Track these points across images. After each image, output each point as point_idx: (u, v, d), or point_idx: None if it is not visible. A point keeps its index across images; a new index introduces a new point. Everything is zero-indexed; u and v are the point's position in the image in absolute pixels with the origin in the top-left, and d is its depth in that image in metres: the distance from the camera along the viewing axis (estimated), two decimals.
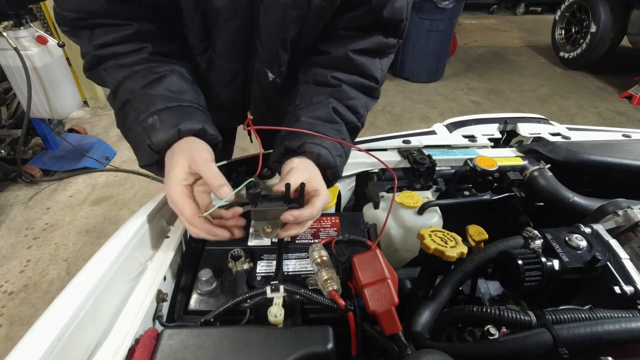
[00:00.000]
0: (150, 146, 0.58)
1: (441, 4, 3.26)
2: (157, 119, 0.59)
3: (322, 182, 0.63)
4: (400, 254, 0.79)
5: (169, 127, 0.58)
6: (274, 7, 0.63)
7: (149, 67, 0.63)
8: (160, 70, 0.64)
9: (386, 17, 0.68)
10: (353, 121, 0.73)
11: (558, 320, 0.47)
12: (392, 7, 0.68)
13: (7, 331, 1.59)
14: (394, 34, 0.73)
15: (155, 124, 0.59)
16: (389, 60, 0.77)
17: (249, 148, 1.05)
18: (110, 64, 0.63)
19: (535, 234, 0.60)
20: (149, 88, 0.61)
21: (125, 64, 0.63)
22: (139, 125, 0.60)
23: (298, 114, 0.69)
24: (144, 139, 0.59)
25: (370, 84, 0.75)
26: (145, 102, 0.60)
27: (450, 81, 3.92)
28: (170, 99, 0.61)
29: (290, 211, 0.57)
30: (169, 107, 0.60)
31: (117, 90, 0.63)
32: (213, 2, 0.63)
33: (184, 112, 0.61)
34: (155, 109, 0.59)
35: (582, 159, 0.85)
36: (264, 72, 0.73)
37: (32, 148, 2.49)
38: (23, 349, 0.42)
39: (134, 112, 0.61)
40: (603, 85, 3.85)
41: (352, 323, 0.53)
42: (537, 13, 6.32)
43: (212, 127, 0.64)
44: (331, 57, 0.72)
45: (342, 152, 0.70)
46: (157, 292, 0.56)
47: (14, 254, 1.93)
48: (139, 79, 0.62)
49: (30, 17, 1.94)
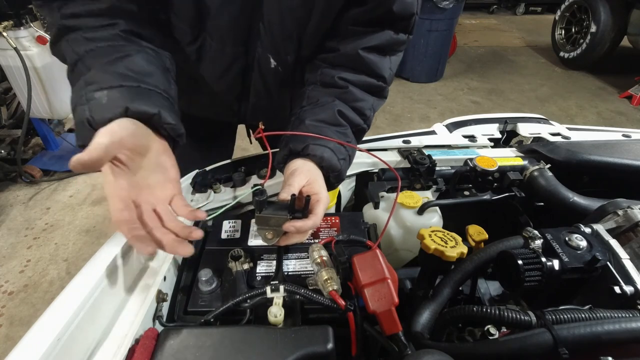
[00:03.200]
0: (90, 122, 0.49)
1: (441, 4, 3.26)
2: (106, 94, 0.50)
3: (323, 185, 0.63)
4: (400, 254, 0.79)
5: (116, 105, 0.50)
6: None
7: (116, 44, 0.56)
8: (128, 49, 0.56)
9: (396, 12, 0.67)
10: (359, 123, 0.72)
11: (558, 320, 0.47)
12: (403, 1, 0.66)
13: (7, 331, 1.59)
14: (404, 30, 0.71)
15: (101, 99, 0.50)
16: (398, 59, 0.75)
17: (249, 148, 1.05)
18: (75, 35, 0.56)
19: (535, 234, 0.60)
20: (109, 65, 0.53)
21: (90, 38, 0.55)
22: (84, 98, 0.51)
23: (303, 116, 0.68)
24: (84, 113, 0.49)
25: (379, 83, 0.73)
26: (100, 77, 0.52)
27: (450, 81, 3.92)
28: (129, 77, 0.53)
29: (293, 222, 0.57)
30: (124, 86, 0.52)
31: (75, 65, 0.55)
32: None
33: (141, 93, 0.53)
34: (108, 85, 0.51)
35: (582, 159, 0.85)
36: (267, 58, 0.71)
37: (32, 148, 2.49)
38: (23, 349, 0.42)
39: (83, 84, 0.52)
40: (603, 85, 3.85)
41: (352, 323, 0.53)
42: (537, 13, 6.32)
43: (173, 116, 0.55)
44: (340, 55, 0.71)
45: (346, 156, 0.69)
46: (157, 292, 0.56)
47: (14, 254, 1.93)
48: (102, 55, 0.54)
49: (30, 17, 1.94)
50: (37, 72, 1.96)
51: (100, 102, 0.50)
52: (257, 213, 0.58)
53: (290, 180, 0.60)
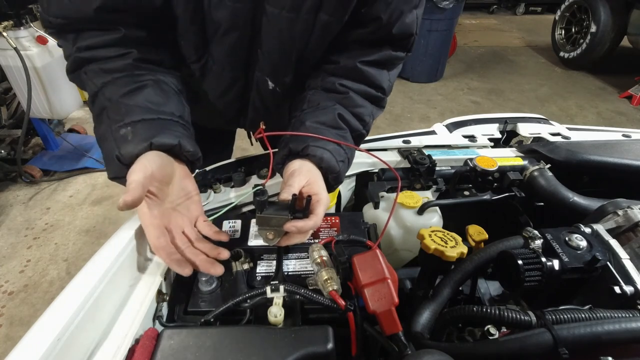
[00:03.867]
0: (119, 158, 0.55)
1: (441, 4, 3.26)
2: (130, 130, 0.55)
3: (323, 186, 0.63)
4: (400, 254, 0.79)
5: (141, 140, 0.55)
6: (277, 20, 0.63)
7: (131, 74, 0.60)
8: (143, 79, 0.61)
9: (396, 34, 0.69)
10: (358, 128, 0.73)
11: (558, 320, 0.47)
12: (403, 24, 0.68)
13: (7, 331, 1.59)
14: (403, 48, 0.74)
15: (127, 136, 0.55)
16: (397, 72, 0.78)
17: (249, 148, 1.05)
18: (92, 67, 0.60)
19: (535, 234, 0.60)
20: (127, 97, 0.58)
21: (107, 69, 0.60)
22: (111, 135, 0.56)
23: (303, 118, 0.69)
24: (114, 150, 0.55)
25: (377, 94, 0.75)
26: (122, 111, 0.57)
27: (450, 81, 3.92)
28: (149, 110, 0.58)
29: (293, 222, 0.57)
30: (146, 120, 0.57)
31: (95, 96, 0.60)
32: (213, 14, 0.62)
33: (161, 126, 0.58)
34: (130, 120, 0.56)
35: (582, 159, 0.85)
36: (264, 80, 0.73)
37: (32, 148, 2.49)
38: (23, 349, 0.42)
39: (109, 121, 0.57)
40: (603, 85, 3.85)
41: (352, 323, 0.53)
42: (537, 13, 6.32)
43: (191, 143, 0.61)
44: (340, 67, 0.73)
45: (345, 158, 0.69)
46: (157, 292, 0.56)
47: (14, 254, 1.93)
48: (119, 86, 0.59)
49: (30, 17, 1.94)
50: (37, 72, 1.96)
51: (126, 138, 0.55)
52: (258, 213, 0.58)
53: (291, 181, 0.60)
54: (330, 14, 0.63)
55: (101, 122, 0.59)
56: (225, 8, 0.61)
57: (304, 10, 0.62)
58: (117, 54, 0.60)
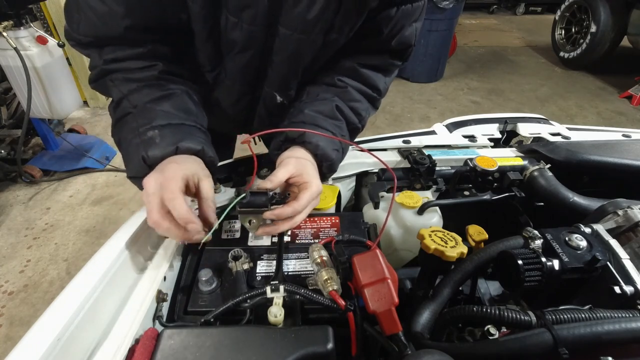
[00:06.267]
0: (145, 159, 0.57)
1: (441, 4, 3.26)
2: (158, 133, 0.58)
3: (313, 175, 0.64)
4: (400, 254, 0.79)
5: (168, 143, 0.57)
6: (289, 41, 0.65)
7: (157, 84, 0.63)
8: (169, 88, 0.63)
9: (394, 45, 0.73)
10: (354, 122, 0.76)
11: (558, 320, 0.47)
12: (402, 36, 0.72)
13: (7, 331, 1.59)
14: (400, 57, 0.78)
15: (154, 138, 0.57)
16: (393, 77, 0.82)
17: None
18: (118, 76, 0.62)
19: (535, 234, 0.60)
20: (154, 103, 0.61)
21: (133, 79, 0.62)
22: (137, 137, 0.58)
23: (302, 107, 0.72)
24: (139, 151, 0.57)
25: (373, 94, 0.79)
26: (148, 115, 0.59)
27: (450, 81, 3.92)
28: (175, 116, 0.61)
29: (271, 211, 0.59)
30: (172, 124, 0.60)
31: (120, 102, 0.62)
32: (228, 35, 0.64)
33: (186, 131, 0.61)
34: (158, 124, 0.58)
35: (582, 159, 0.85)
36: (273, 95, 0.76)
37: (32, 148, 2.49)
38: (23, 349, 0.42)
39: (135, 124, 0.59)
40: (603, 85, 3.85)
41: (352, 323, 0.53)
42: (537, 13, 6.32)
43: (212, 149, 0.64)
44: (339, 66, 0.76)
45: (340, 147, 0.72)
46: (157, 292, 0.56)
47: (14, 254, 1.93)
48: (146, 94, 0.61)
49: (30, 17, 1.94)
50: (37, 72, 1.95)
51: (154, 141, 0.57)
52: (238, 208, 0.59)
53: (276, 171, 0.62)
54: (339, 33, 0.66)
55: (124, 123, 0.61)
56: (241, 30, 0.63)
57: (315, 31, 0.64)
58: (144, 65, 0.63)
